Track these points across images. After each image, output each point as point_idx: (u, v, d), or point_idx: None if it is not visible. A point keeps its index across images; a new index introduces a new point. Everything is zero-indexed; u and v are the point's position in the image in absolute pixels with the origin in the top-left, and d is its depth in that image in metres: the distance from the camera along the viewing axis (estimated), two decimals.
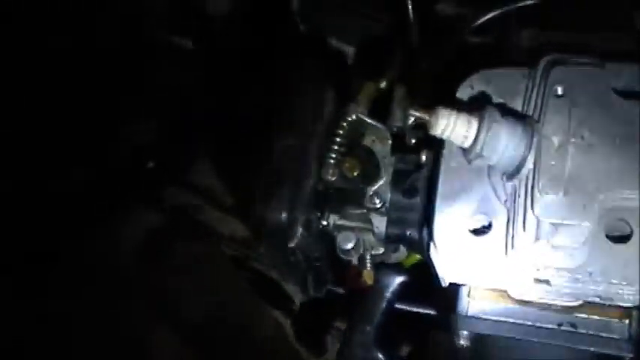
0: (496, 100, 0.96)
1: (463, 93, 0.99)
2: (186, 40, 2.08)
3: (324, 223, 1.08)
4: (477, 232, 0.94)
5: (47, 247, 2.03)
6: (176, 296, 2.08)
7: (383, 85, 1.11)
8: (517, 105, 0.95)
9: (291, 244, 1.03)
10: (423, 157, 1.05)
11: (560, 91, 0.90)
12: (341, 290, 1.22)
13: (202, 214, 2.18)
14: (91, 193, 2.10)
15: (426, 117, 0.90)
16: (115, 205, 2.15)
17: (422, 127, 0.96)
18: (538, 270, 0.90)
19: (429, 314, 1.21)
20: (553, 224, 0.87)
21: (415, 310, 1.21)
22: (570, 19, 1.05)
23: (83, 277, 2.09)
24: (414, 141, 1.10)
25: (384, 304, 1.12)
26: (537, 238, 0.87)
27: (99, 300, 2.08)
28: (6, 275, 1.98)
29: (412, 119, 0.92)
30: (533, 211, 0.87)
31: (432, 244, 0.97)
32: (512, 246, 0.90)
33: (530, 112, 0.92)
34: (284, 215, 1.02)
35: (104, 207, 2.13)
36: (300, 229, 1.03)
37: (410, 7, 1.17)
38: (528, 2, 1.07)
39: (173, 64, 2.15)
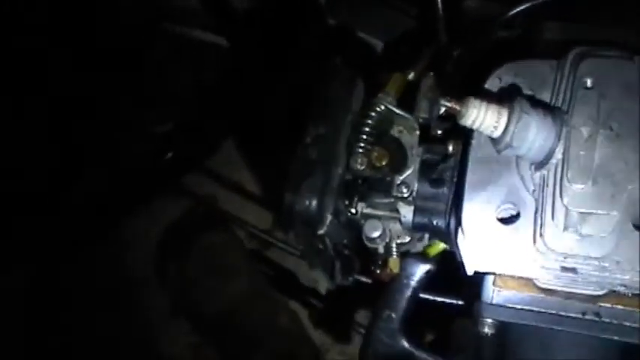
0: (525, 91, 0.98)
1: (492, 85, 1.00)
2: (208, 34, 2.10)
3: (352, 211, 1.10)
4: (504, 221, 0.96)
5: (69, 241, 2.06)
6: (195, 286, 2.11)
7: (411, 76, 1.13)
8: (545, 97, 0.96)
9: (321, 231, 1.05)
10: (450, 148, 1.07)
11: (589, 83, 0.91)
12: (367, 280, 1.23)
13: (221, 203, 2.20)
14: (112, 185, 2.13)
15: (457, 107, 0.91)
16: (135, 197, 2.18)
17: (450, 117, 0.98)
18: (565, 258, 0.91)
19: (453, 303, 1.22)
20: (581, 213, 0.88)
21: (440, 299, 1.23)
22: (597, 13, 1.06)
23: (103, 268, 2.12)
24: (440, 132, 1.12)
25: (409, 292, 1.13)
26: (566, 227, 0.89)
27: (119, 290, 2.11)
28: (27, 269, 2.01)
29: (443, 109, 0.93)
30: (561, 201, 0.88)
31: (459, 233, 0.98)
32: (541, 235, 0.91)
33: (559, 104, 0.93)
34: (314, 202, 1.04)
35: (124, 199, 2.15)
36: (329, 217, 1.05)
37: (439, 1, 1.19)
38: None
39: (194, 57, 2.17)
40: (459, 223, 0.98)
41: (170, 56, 2.19)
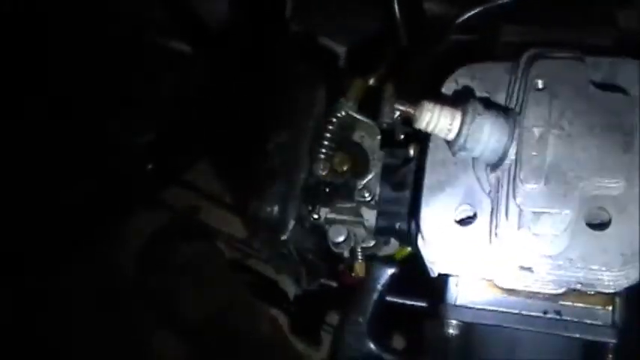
0: (479, 94, 0.99)
1: (448, 88, 1.01)
2: (184, 45, 2.11)
3: (316, 216, 1.11)
4: (462, 222, 0.96)
5: (51, 252, 2.06)
6: (176, 297, 2.11)
7: (372, 81, 1.14)
8: (500, 98, 0.98)
9: (284, 237, 1.06)
10: (411, 152, 1.08)
11: (540, 84, 0.92)
12: (334, 284, 1.24)
13: (202, 214, 2.21)
14: (92, 197, 2.13)
15: (411, 111, 0.92)
16: (115, 208, 2.18)
17: (409, 121, 0.99)
18: (521, 258, 0.92)
19: (419, 305, 1.23)
20: (535, 213, 0.89)
21: (406, 301, 1.24)
22: (552, 15, 1.08)
23: (84, 281, 2.12)
24: (402, 136, 1.13)
25: (375, 296, 1.15)
26: (520, 227, 0.89)
27: (100, 303, 2.11)
28: (10, 280, 2.01)
29: (398, 113, 0.94)
30: (515, 201, 0.89)
31: (419, 236, 0.99)
32: (496, 235, 0.92)
33: (513, 105, 0.94)
34: (276, 208, 1.05)
35: (105, 211, 2.15)
36: (292, 223, 1.06)
37: (397, 6, 1.20)
38: None
39: (171, 67, 2.18)
40: (418, 226, 0.99)
41: (150, 67, 2.19)
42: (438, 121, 0.91)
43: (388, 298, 1.17)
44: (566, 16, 1.08)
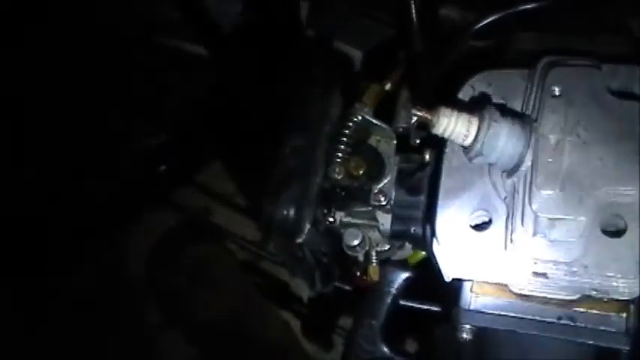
0: (496, 100, 1.00)
1: (464, 94, 1.02)
2: (198, 47, 2.12)
3: (331, 220, 1.11)
4: (477, 227, 0.97)
5: (64, 251, 2.08)
6: (186, 297, 2.12)
7: (388, 86, 1.15)
8: (516, 105, 0.98)
9: (299, 240, 1.07)
10: (427, 157, 1.08)
11: (557, 91, 0.93)
12: (347, 287, 1.25)
13: (213, 216, 2.22)
14: (104, 198, 2.14)
15: (428, 116, 0.93)
16: (127, 209, 2.19)
17: (425, 126, 1.00)
18: (536, 263, 0.92)
19: (433, 310, 1.24)
20: (550, 219, 0.90)
21: (419, 306, 1.24)
22: (569, 23, 1.08)
23: (96, 281, 2.13)
24: (417, 141, 1.14)
25: (389, 300, 1.15)
26: (535, 233, 0.90)
27: (111, 302, 2.13)
28: (21, 279, 2.03)
29: (415, 118, 0.95)
30: (531, 207, 0.90)
31: (434, 240, 1.00)
32: (512, 240, 0.93)
33: (529, 112, 0.95)
34: (292, 212, 1.06)
35: (117, 211, 2.17)
36: (307, 226, 1.06)
37: (414, 11, 1.21)
38: (528, 6, 1.11)
39: (184, 70, 2.19)
40: (433, 230, 1.00)
41: (161, 69, 2.20)
42: (455, 126, 0.92)
43: (401, 302, 1.18)
44: (581, 23, 1.08)
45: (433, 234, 1.00)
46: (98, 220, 2.14)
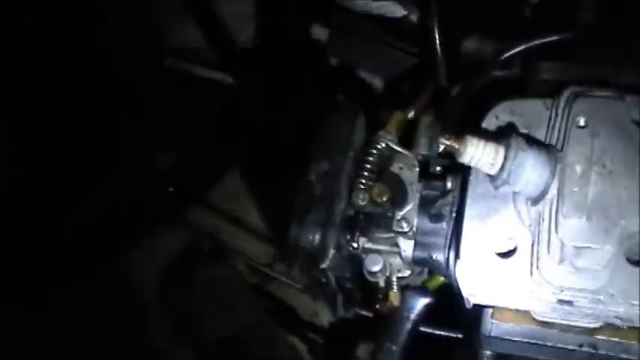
0: (521, 129, 1.01)
1: (489, 123, 1.04)
2: (211, 69, 2.14)
3: (354, 245, 1.12)
4: (502, 254, 0.98)
5: (67, 270, 2.08)
6: (196, 319, 2.12)
7: (411, 114, 1.16)
8: (540, 135, 1.00)
9: (324, 265, 1.08)
10: (449, 184, 1.10)
11: (582, 122, 0.95)
12: (368, 313, 1.26)
13: (223, 237, 2.22)
14: (114, 216, 2.15)
15: (456, 145, 0.94)
16: (137, 230, 2.20)
17: (448, 155, 1.01)
18: (561, 291, 0.93)
19: (452, 336, 1.25)
20: (576, 247, 0.91)
21: (439, 332, 1.25)
22: (592, 53, 1.10)
23: (105, 301, 2.13)
24: (438, 168, 1.15)
25: (409, 325, 1.16)
26: (561, 261, 0.92)
27: (120, 323, 2.12)
28: (32, 292, 2.03)
29: (442, 147, 0.96)
30: (557, 235, 0.91)
31: (458, 266, 1.01)
32: (537, 267, 0.94)
33: (554, 142, 0.97)
34: (318, 237, 1.07)
35: (127, 232, 2.17)
36: (332, 251, 1.08)
37: (438, 41, 1.23)
38: (552, 38, 1.13)
39: (196, 90, 2.21)
40: (458, 257, 1.01)
41: (173, 90, 2.22)
42: (482, 155, 0.93)
43: (421, 328, 1.19)
44: (603, 53, 1.10)
45: (458, 260, 1.01)
46: (107, 238, 2.14)
